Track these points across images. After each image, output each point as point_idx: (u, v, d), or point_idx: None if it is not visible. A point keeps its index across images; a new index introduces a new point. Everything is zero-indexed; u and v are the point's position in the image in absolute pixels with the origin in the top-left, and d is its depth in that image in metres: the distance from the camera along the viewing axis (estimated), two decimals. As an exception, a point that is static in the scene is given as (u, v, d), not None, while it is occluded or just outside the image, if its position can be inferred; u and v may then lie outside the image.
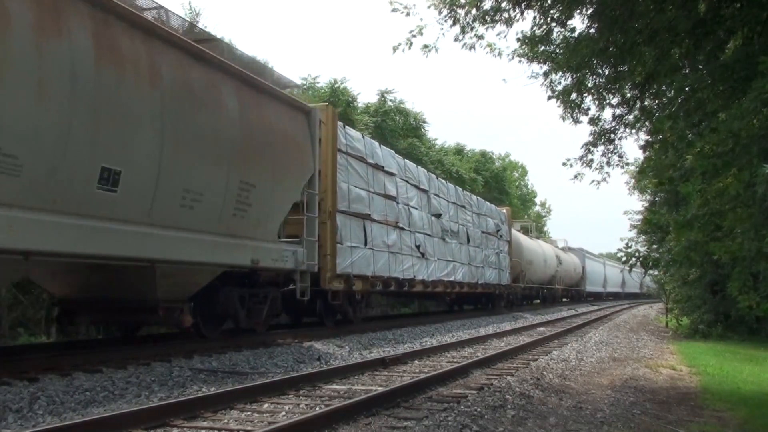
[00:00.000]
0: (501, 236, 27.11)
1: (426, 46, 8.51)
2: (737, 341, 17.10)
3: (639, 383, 8.94)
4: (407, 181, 17.27)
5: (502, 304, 27.90)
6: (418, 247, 17.34)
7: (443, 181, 21.49)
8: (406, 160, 18.01)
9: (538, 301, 37.06)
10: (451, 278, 20.28)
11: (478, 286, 23.29)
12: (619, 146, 9.73)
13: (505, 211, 29.00)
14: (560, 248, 44.91)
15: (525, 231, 37.10)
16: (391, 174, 16.20)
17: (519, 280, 30.05)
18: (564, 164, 9.63)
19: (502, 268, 26.72)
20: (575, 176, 9.76)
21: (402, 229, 16.46)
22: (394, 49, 8.54)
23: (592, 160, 9.63)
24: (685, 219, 6.78)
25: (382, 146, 16.34)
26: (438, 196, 19.81)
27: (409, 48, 8.43)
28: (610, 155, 9.74)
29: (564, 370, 9.69)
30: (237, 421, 5.79)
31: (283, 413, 6.06)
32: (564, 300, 44.26)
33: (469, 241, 22.46)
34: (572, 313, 29.13)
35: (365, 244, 14.50)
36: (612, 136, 9.60)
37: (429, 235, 18.40)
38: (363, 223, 14.47)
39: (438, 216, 19.43)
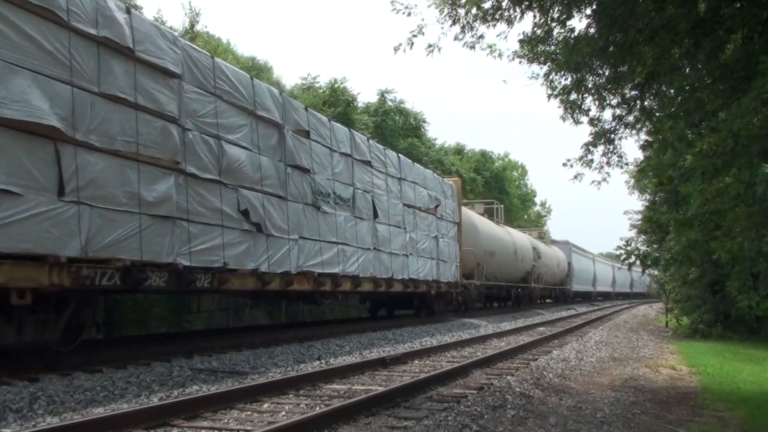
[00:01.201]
0: (442, 216, 19.42)
1: (430, 46, 8.53)
2: (737, 341, 17.09)
3: (639, 383, 8.93)
4: (220, 97, 9.94)
5: (446, 307, 21.05)
6: (245, 212, 10.22)
7: (324, 118, 13.31)
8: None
9: (510, 302, 30.33)
10: (335, 269, 12.80)
11: (395, 282, 15.74)
12: (619, 146, 9.72)
13: (452, 183, 21.06)
14: (541, 240, 38.13)
15: (489, 215, 29.19)
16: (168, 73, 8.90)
17: (475, 276, 22.89)
18: (564, 165, 9.63)
19: (443, 258, 19.11)
20: (575, 176, 9.76)
21: (195, 177, 9.22)
22: (396, 49, 8.56)
23: (592, 161, 9.61)
24: (685, 218, 6.79)
25: None
26: (310, 138, 12.29)
27: (411, 48, 8.44)
28: (610, 155, 9.73)
29: (564, 369, 9.69)
30: (237, 420, 5.79)
31: (283, 413, 6.06)
32: (548, 301, 39.26)
33: (377, 215, 14.83)
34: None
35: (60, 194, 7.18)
36: (612, 136, 9.59)
37: (279, 197, 11.18)
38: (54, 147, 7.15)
39: (304, 170, 12.04)
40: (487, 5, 8.10)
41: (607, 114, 10.25)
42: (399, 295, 17.51)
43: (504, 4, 8.05)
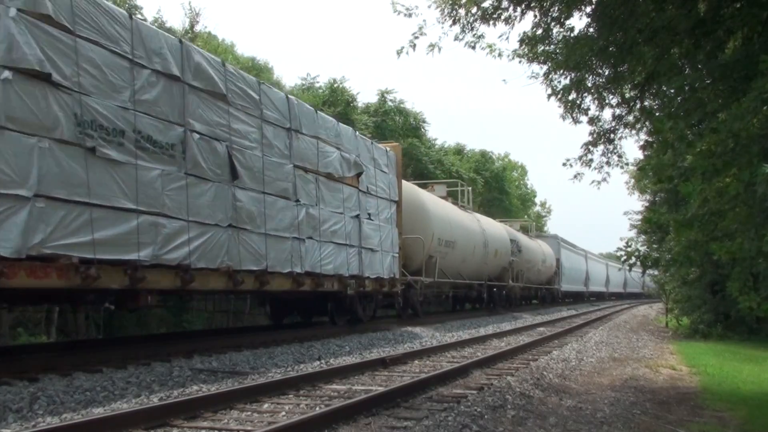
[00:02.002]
0: (371, 190, 14.51)
1: (431, 45, 8.54)
2: (737, 341, 17.10)
3: (639, 383, 8.94)
4: None
5: (369, 312, 15.46)
6: None
7: (120, 11, 8.37)
8: None
9: (482, 305, 25.46)
10: (131, 254, 8.00)
11: (276, 277, 10.86)
12: (618, 146, 9.74)
13: (388, 149, 15.91)
14: (524, 232, 33.71)
15: (455, 198, 24.08)
16: None
17: (425, 272, 18.03)
18: (564, 164, 9.63)
19: (370, 246, 14.23)
20: (575, 176, 9.76)
21: None
22: (398, 53, 8.58)
23: (591, 160, 9.62)
24: (685, 218, 6.79)
25: None
26: (74, 34, 7.47)
27: (414, 50, 8.46)
28: (609, 155, 9.74)
29: (564, 370, 9.69)
30: (237, 421, 5.79)
31: (283, 413, 6.06)
32: (534, 302, 35.40)
33: (236, 176, 9.92)
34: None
35: None
36: (612, 136, 9.60)
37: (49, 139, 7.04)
38: None
39: (46, 78, 7.09)
40: (486, 5, 8.12)
41: (607, 114, 10.28)
42: (301, 296, 12.90)
43: (504, 3, 8.07)
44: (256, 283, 10.39)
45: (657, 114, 8.80)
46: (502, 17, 8.18)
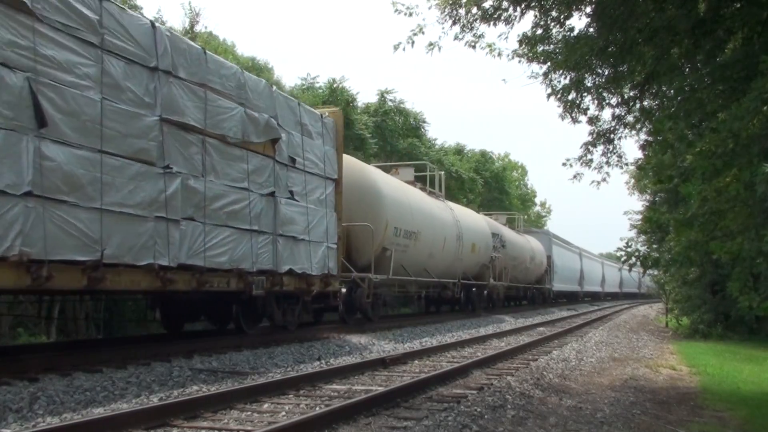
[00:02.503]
0: (298, 163, 11.45)
1: (430, 44, 8.54)
2: (737, 341, 17.11)
3: (639, 383, 8.94)
4: None
5: (292, 317, 12.08)
6: None
7: None
8: None
9: (457, 306, 22.94)
10: None
11: (120, 272, 7.78)
12: (618, 146, 9.74)
13: (323, 113, 12.75)
14: (511, 226, 30.86)
15: (424, 184, 20.22)
16: None
17: (375, 268, 14.78)
18: (564, 164, 9.63)
19: (292, 233, 11.15)
20: (574, 176, 9.77)
21: None
22: (396, 48, 8.58)
23: (591, 160, 9.63)
24: (685, 218, 6.79)
25: None
26: None
27: (412, 47, 8.46)
28: (609, 155, 9.74)
29: (564, 370, 9.69)
30: (237, 421, 5.79)
31: (283, 413, 6.06)
32: (523, 303, 32.66)
33: (43, 123, 6.84)
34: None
35: None
36: (611, 136, 9.60)
37: None
38: None
39: None
40: (487, 5, 8.12)
41: (607, 114, 10.27)
42: (204, 297, 10.46)
43: (504, 4, 8.07)
44: (82, 279, 7.26)
45: (657, 114, 8.81)
46: (503, 17, 8.18)
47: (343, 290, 13.80)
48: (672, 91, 8.39)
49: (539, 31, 8.57)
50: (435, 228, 18.32)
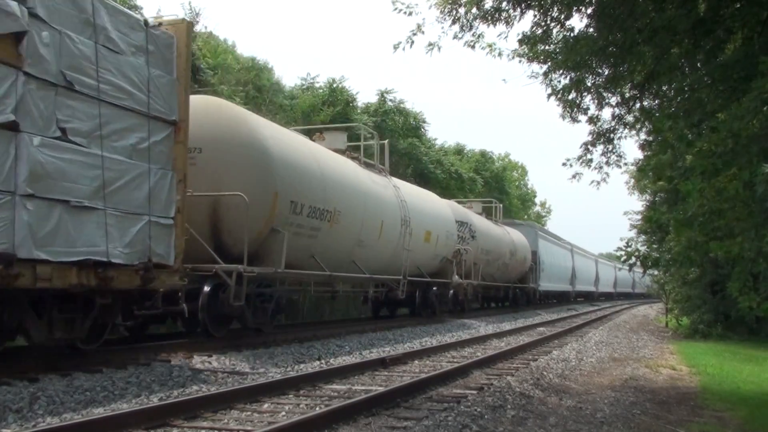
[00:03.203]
0: (66, 80, 6.97)
1: (430, 44, 8.54)
2: (737, 341, 17.11)
3: (639, 383, 8.94)
4: None
5: (64, 330, 7.48)
6: None
7: None
8: None
9: (410, 310, 18.61)
10: None
11: None
12: (618, 146, 9.74)
13: (150, 19, 8.57)
14: (489, 217, 26.32)
15: (356, 152, 15.28)
16: None
17: (268, 260, 10.67)
18: (564, 164, 9.63)
19: (55, 196, 6.76)
20: (573, 176, 9.76)
21: None
22: (395, 47, 8.57)
23: (591, 160, 9.62)
24: (685, 217, 6.79)
25: None
26: None
27: (411, 46, 8.45)
28: (609, 155, 9.74)
29: (564, 370, 9.69)
30: (237, 421, 5.79)
31: (283, 413, 6.06)
32: (506, 304, 29.20)
33: None
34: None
35: None
36: (611, 136, 9.60)
37: None
38: None
39: None
40: (487, 5, 8.12)
41: (606, 113, 10.28)
42: None
43: (504, 4, 8.07)
44: None
45: (656, 114, 8.82)
46: (502, 17, 8.18)
47: (206, 288, 9.78)
48: (672, 91, 8.40)
49: (539, 31, 8.56)
50: (367, 209, 13.70)
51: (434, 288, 18.80)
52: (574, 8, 8.14)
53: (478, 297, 25.43)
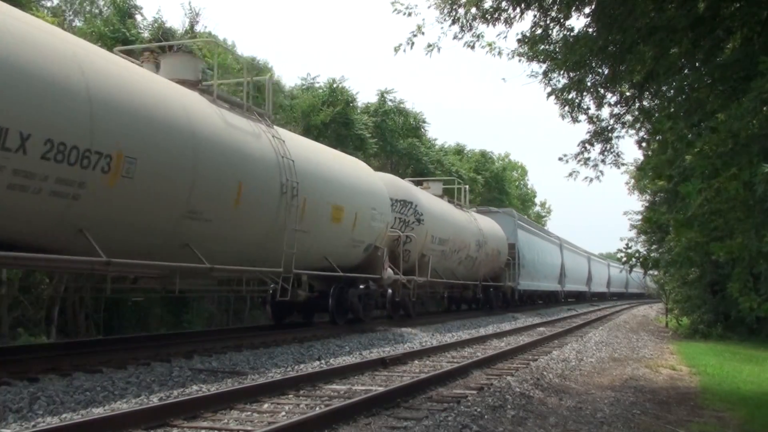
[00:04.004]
0: None
1: (429, 45, 8.53)
2: (737, 341, 17.12)
3: (639, 383, 8.94)
4: None
5: None
6: None
7: None
8: None
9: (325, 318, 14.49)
10: None
11: None
12: (616, 145, 9.72)
13: None
14: (451, 200, 21.40)
15: (234, 101, 10.76)
16: None
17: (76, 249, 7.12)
18: (560, 159, 9.57)
19: None
20: (570, 174, 9.74)
21: None
22: (396, 50, 8.56)
23: (588, 158, 9.60)
24: (685, 217, 6.78)
25: None
26: None
27: (411, 48, 8.45)
28: (606, 154, 9.72)
29: (564, 370, 9.68)
30: (237, 421, 5.79)
31: (283, 413, 6.06)
32: (472, 306, 23.91)
33: None
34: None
35: None
36: (609, 135, 9.59)
37: None
38: None
39: None
40: (486, 5, 8.11)
41: (606, 112, 10.28)
42: None
43: (503, 4, 8.06)
44: None
45: (656, 114, 8.81)
46: (502, 17, 8.17)
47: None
48: (671, 91, 8.39)
49: (539, 31, 8.56)
50: (203, 160, 9.03)
51: (361, 286, 14.45)
52: (574, 8, 8.14)
53: (438, 298, 21.51)
